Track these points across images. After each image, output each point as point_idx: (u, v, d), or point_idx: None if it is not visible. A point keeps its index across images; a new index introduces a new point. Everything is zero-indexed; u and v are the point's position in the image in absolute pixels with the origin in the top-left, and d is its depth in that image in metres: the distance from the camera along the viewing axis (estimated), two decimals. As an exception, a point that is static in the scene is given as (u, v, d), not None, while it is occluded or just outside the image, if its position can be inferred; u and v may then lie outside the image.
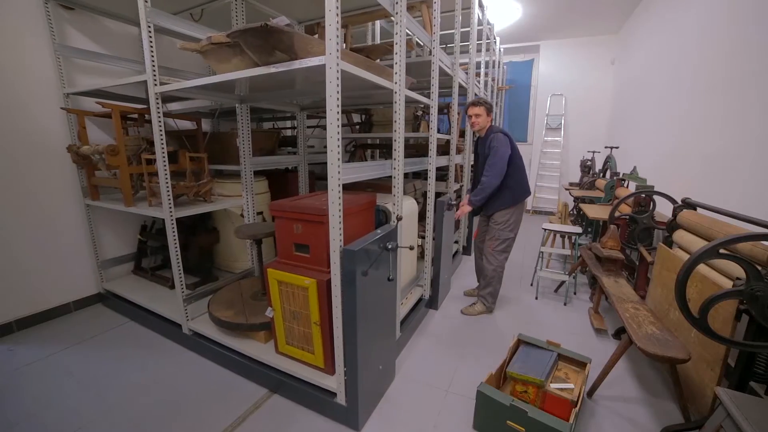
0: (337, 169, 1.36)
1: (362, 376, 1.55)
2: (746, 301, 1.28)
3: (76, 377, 1.95)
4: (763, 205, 1.91)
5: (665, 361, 1.53)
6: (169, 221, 2.02)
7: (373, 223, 1.98)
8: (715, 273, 1.69)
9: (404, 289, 2.39)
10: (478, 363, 2.09)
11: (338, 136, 1.33)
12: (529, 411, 1.42)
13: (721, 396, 1.15)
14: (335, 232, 1.42)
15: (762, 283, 1.23)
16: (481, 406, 1.56)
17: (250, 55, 1.46)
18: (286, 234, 1.74)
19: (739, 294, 1.29)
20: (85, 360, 2.11)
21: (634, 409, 1.75)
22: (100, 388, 1.86)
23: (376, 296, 1.64)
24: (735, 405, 1.10)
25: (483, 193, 2.38)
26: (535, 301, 2.94)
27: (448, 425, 1.64)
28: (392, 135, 1.90)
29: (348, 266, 1.41)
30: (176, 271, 2.10)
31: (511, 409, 1.45)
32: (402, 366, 2.04)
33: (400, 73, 1.82)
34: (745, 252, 1.43)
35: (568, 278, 2.92)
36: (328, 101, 1.30)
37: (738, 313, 1.40)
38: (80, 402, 1.76)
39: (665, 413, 1.71)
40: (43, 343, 2.27)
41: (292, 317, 1.76)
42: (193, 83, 1.81)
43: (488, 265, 2.56)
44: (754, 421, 1.03)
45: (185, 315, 2.16)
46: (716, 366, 1.52)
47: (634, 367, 2.05)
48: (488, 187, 2.36)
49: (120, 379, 1.95)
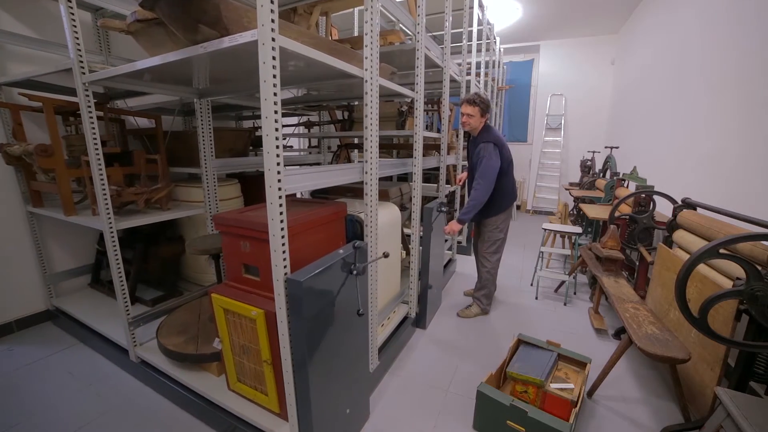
0: (276, 176, 1.08)
1: (321, 426, 1.31)
2: (746, 301, 1.28)
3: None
4: (763, 205, 1.91)
5: (665, 361, 1.53)
6: (109, 233, 1.74)
7: (344, 236, 1.72)
8: (715, 273, 1.69)
9: (384, 311, 2.11)
10: (478, 364, 2.09)
11: (277, 133, 1.06)
12: (529, 411, 1.42)
13: (721, 396, 1.15)
14: (278, 257, 1.13)
15: (762, 283, 1.23)
16: (481, 406, 1.56)
17: (174, 31, 1.20)
18: (234, 253, 1.46)
19: (739, 294, 1.29)
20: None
21: (634, 409, 1.75)
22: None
23: (339, 329, 1.36)
24: (735, 405, 1.10)
25: (473, 210, 2.29)
26: (535, 301, 2.94)
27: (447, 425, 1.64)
28: (363, 133, 1.63)
29: (294, 299, 1.14)
30: (119, 292, 1.83)
31: (511, 409, 1.45)
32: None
33: (372, 58, 1.52)
34: (745, 252, 1.43)
35: (568, 278, 2.91)
36: (263, 89, 1.00)
37: (738, 313, 1.40)
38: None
39: (665, 413, 1.71)
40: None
41: (242, 351, 1.48)
42: (120, 70, 1.52)
43: (482, 267, 2.60)
44: (754, 421, 1.03)
45: (132, 340, 1.90)
46: (716, 366, 1.52)
47: (634, 367, 2.05)
48: (478, 204, 2.28)
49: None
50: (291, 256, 1.19)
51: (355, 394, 1.56)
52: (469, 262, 3.59)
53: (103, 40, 2.67)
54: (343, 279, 1.35)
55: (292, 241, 1.21)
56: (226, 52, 1.14)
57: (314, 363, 1.23)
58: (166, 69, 1.47)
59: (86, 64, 1.64)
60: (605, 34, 5.77)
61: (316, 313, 1.21)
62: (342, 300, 1.35)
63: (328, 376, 1.33)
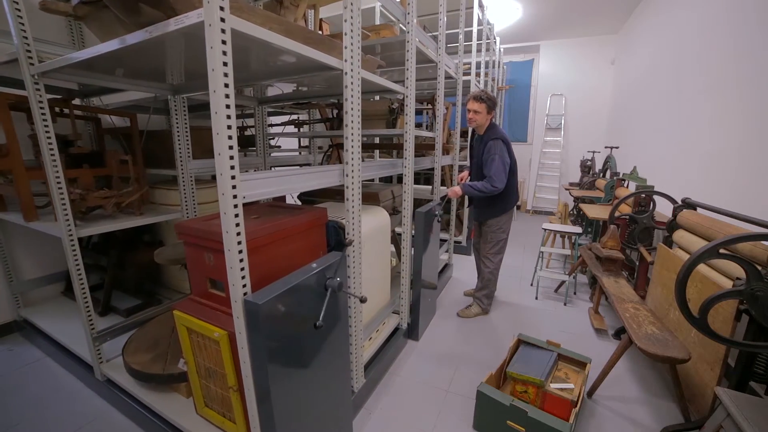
0: (230, 182, 0.92)
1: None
2: (746, 301, 1.28)
3: None
4: (763, 205, 1.91)
5: (665, 361, 1.53)
6: (68, 241, 1.60)
7: (324, 245, 1.57)
8: (715, 273, 1.69)
9: (371, 324, 1.95)
10: (478, 364, 2.08)
11: (230, 131, 0.91)
12: (529, 411, 1.42)
13: (721, 396, 1.15)
14: (235, 275, 0.98)
15: (762, 283, 1.23)
16: (481, 406, 1.56)
17: (116, 13, 1.07)
18: (198, 265, 1.30)
19: (739, 294, 1.29)
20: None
21: (634, 409, 1.75)
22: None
23: (314, 350, 1.23)
24: (735, 405, 1.10)
25: (480, 192, 2.28)
26: (535, 301, 2.94)
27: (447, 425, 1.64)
28: (343, 132, 1.49)
29: (254, 323, 0.99)
30: (81, 305, 1.67)
31: (511, 409, 1.45)
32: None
33: (353, 48, 1.37)
34: (745, 252, 1.43)
35: (568, 278, 2.92)
36: (212, 78, 0.86)
37: (738, 313, 1.40)
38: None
39: (665, 413, 1.71)
40: None
41: (207, 374, 1.33)
42: (65, 61, 1.35)
43: (485, 268, 2.60)
44: (754, 421, 1.03)
45: (97, 357, 1.75)
46: (716, 366, 1.52)
47: (634, 367, 2.05)
48: (489, 192, 2.26)
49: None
50: (259, 270, 1.08)
51: (336, 419, 1.43)
52: (467, 266, 3.58)
53: (76, 33, 2.44)
54: (318, 295, 1.20)
55: (259, 254, 1.10)
56: (177, 37, 0.98)
57: (283, 392, 1.08)
58: (128, 60, 1.32)
59: (35, 53, 1.45)
60: (605, 34, 5.77)
61: (283, 337, 1.07)
62: (317, 317, 1.20)
63: (301, 404, 1.19)
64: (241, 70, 1.51)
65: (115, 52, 1.15)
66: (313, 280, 1.18)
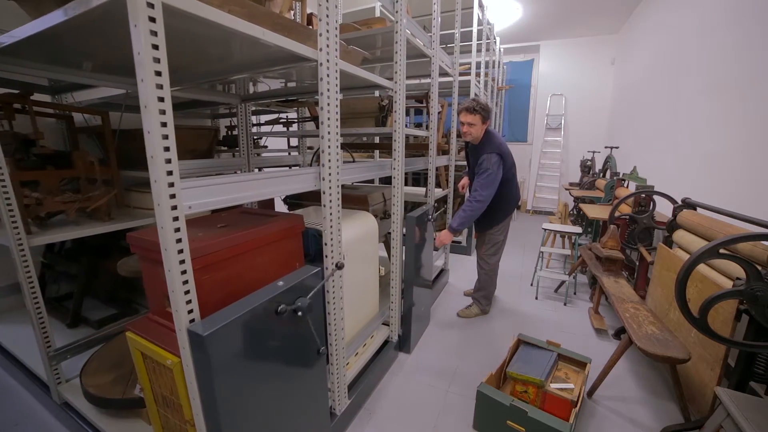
0: (166, 191, 0.78)
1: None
2: (746, 301, 1.28)
3: None
4: (762, 205, 1.91)
5: (665, 361, 1.53)
6: (17, 250, 1.43)
7: (301, 256, 1.44)
8: (715, 273, 1.69)
9: (356, 340, 1.80)
10: (478, 364, 2.08)
11: (165, 130, 0.76)
12: (529, 411, 1.42)
13: (721, 396, 1.15)
14: (178, 299, 0.83)
15: (762, 283, 1.23)
16: (481, 406, 1.56)
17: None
18: (154, 281, 1.16)
19: (739, 294, 1.29)
20: None
21: (634, 409, 1.75)
22: None
23: (284, 377, 1.10)
24: (735, 405, 1.10)
25: (467, 221, 2.22)
26: (535, 301, 2.94)
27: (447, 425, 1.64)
28: (320, 130, 1.32)
29: (201, 356, 0.85)
30: (35, 321, 1.50)
31: (511, 409, 1.45)
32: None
33: (329, 36, 1.22)
34: (745, 252, 1.43)
35: (568, 278, 2.92)
36: (139, 65, 0.72)
37: (738, 313, 1.40)
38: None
39: (665, 413, 1.71)
40: None
41: (164, 404, 1.18)
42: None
43: (480, 269, 2.60)
44: (754, 421, 1.03)
45: (55, 377, 1.58)
46: (716, 366, 1.52)
47: (634, 367, 2.05)
48: (474, 215, 2.21)
49: None
50: (221, 289, 0.97)
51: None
52: (468, 266, 3.59)
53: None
54: (285, 317, 1.04)
55: (218, 270, 0.98)
56: (103, 15, 0.81)
57: (243, 428, 0.96)
58: (70, 49, 1.15)
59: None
60: (605, 34, 5.78)
61: (238, 368, 0.93)
62: (286, 340, 1.07)
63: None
64: (202, 61, 1.37)
65: (40, 37, 0.98)
66: (277, 302, 1.01)
